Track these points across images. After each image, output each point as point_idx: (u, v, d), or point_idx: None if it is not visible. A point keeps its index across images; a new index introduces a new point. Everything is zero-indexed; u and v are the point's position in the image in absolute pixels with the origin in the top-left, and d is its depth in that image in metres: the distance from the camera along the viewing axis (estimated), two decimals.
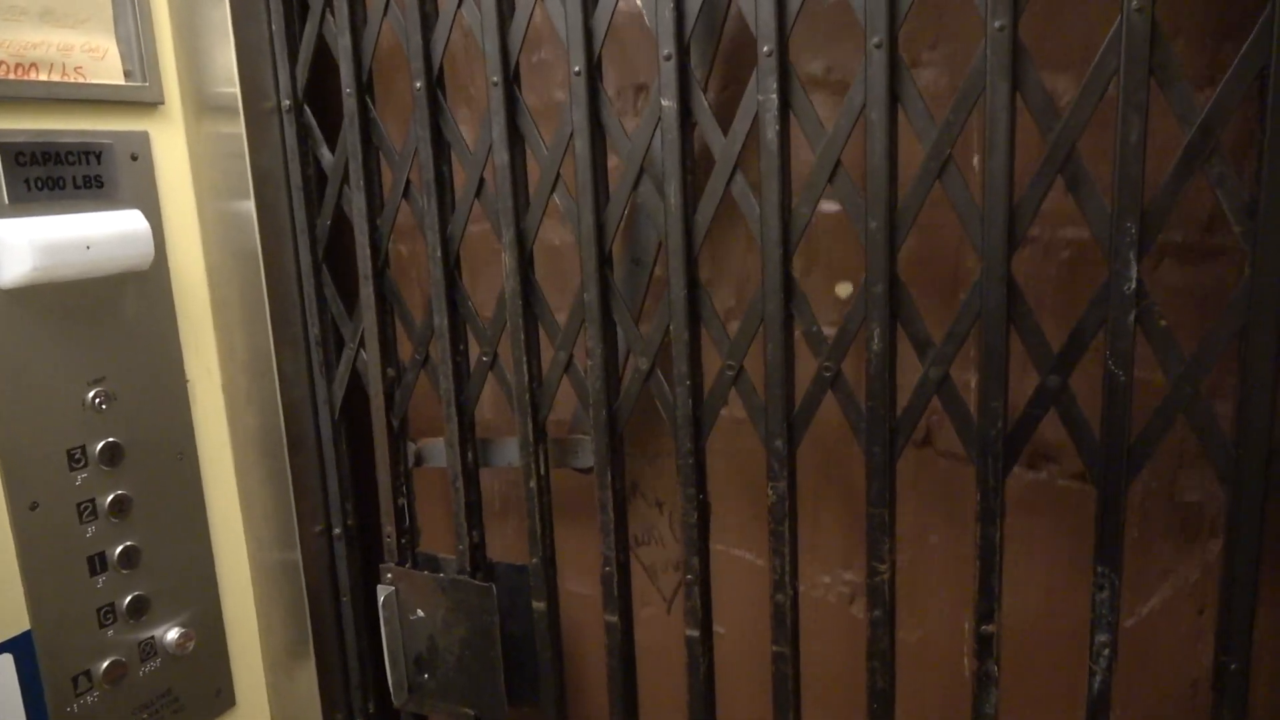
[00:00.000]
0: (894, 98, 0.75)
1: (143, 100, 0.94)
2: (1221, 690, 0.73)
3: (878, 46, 0.74)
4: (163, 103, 0.95)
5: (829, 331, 0.82)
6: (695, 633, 0.93)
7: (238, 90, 1.01)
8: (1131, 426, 0.73)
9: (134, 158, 0.93)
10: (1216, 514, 0.86)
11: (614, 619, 0.98)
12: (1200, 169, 0.68)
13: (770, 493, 0.86)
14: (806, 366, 0.84)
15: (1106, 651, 0.77)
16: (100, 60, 0.91)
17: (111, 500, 0.92)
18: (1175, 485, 0.87)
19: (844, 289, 0.97)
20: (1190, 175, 0.68)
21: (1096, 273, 0.72)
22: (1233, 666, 0.72)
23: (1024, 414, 0.76)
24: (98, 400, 0.90)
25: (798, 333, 0.84)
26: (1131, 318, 0.70)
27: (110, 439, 0.91)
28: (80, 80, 0.89)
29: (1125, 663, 0.83)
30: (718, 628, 1.08)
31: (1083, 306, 0.73)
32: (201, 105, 0.99)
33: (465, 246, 0.99)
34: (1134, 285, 0.70)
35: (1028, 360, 0.76)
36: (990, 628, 0.80)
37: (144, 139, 0.94)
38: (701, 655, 0.93)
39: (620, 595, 0.97)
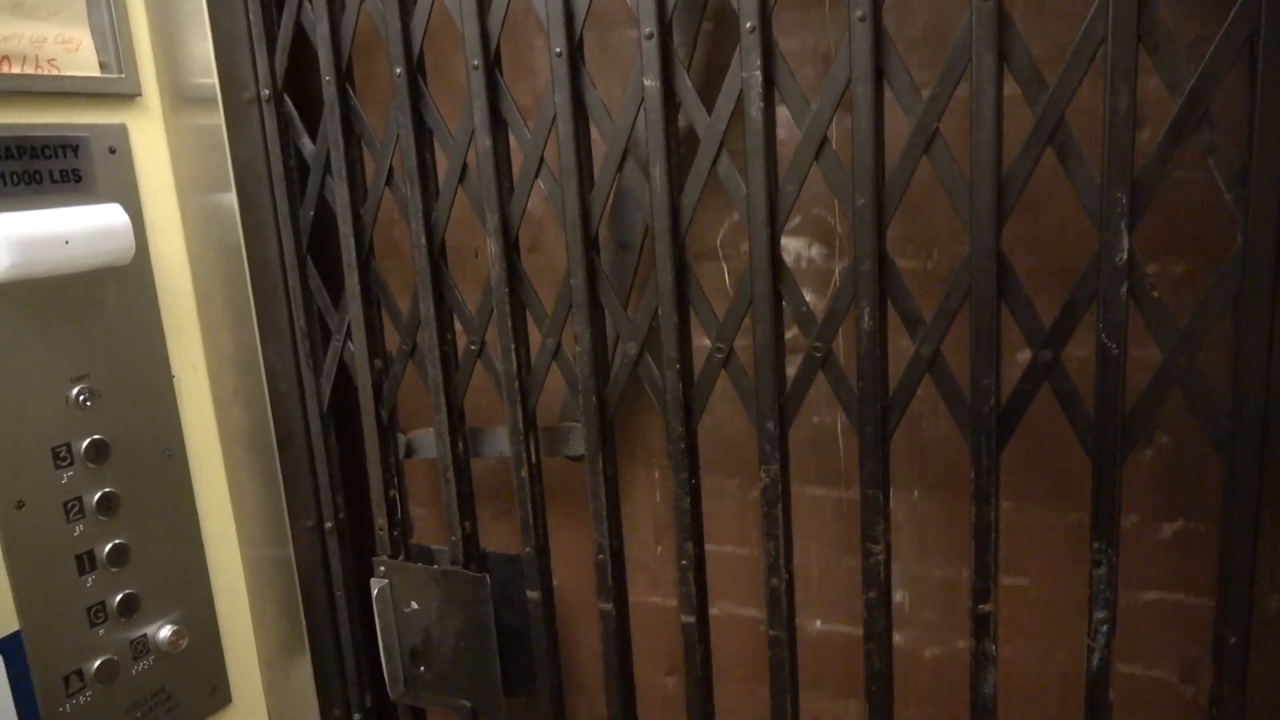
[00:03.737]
0: (879, 72, 0.74)
1: (119, 92, 0.92)
2: (1221, 663, 0.72)
3: (861, 20, 0.73)
4: (140, 95, 0.94)
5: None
6: (691, 619, 0.92)
7: (216, 81, 1.00)
8: (1126, 400, 0.72)
9: (112, 151, 0.92)
10: None
11: (609, 607, 0.97)
12: (1190, 137, 0.67)
13: (763, 475, 0.85)
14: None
15: (1105, 628, 0.76)
16: (74, 52, 0.89)
17: (99, 498, 0.91)
18: None
19: None
20: (1180, 143, 0.67)
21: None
22: (1232, 640, 0.72)
23: (1016, 390, 0.76)
24: (81, 397, 0.89)
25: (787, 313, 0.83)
26: (1124, 289, 0.70)
27: (96, 436, 0.90)
28: (54, 73, 0.88)
29: None
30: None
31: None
32: (179, 97, 0.98)
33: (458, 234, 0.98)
34: (1125, 256, 0.69)
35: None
36: (987, 607, 0.79)
37: (121, 132, 0.92)
38: (698, 641, 0.93)
39: (615, 583, 0.96)
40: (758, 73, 0.77)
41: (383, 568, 1.09)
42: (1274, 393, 0.68)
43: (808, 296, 0.89)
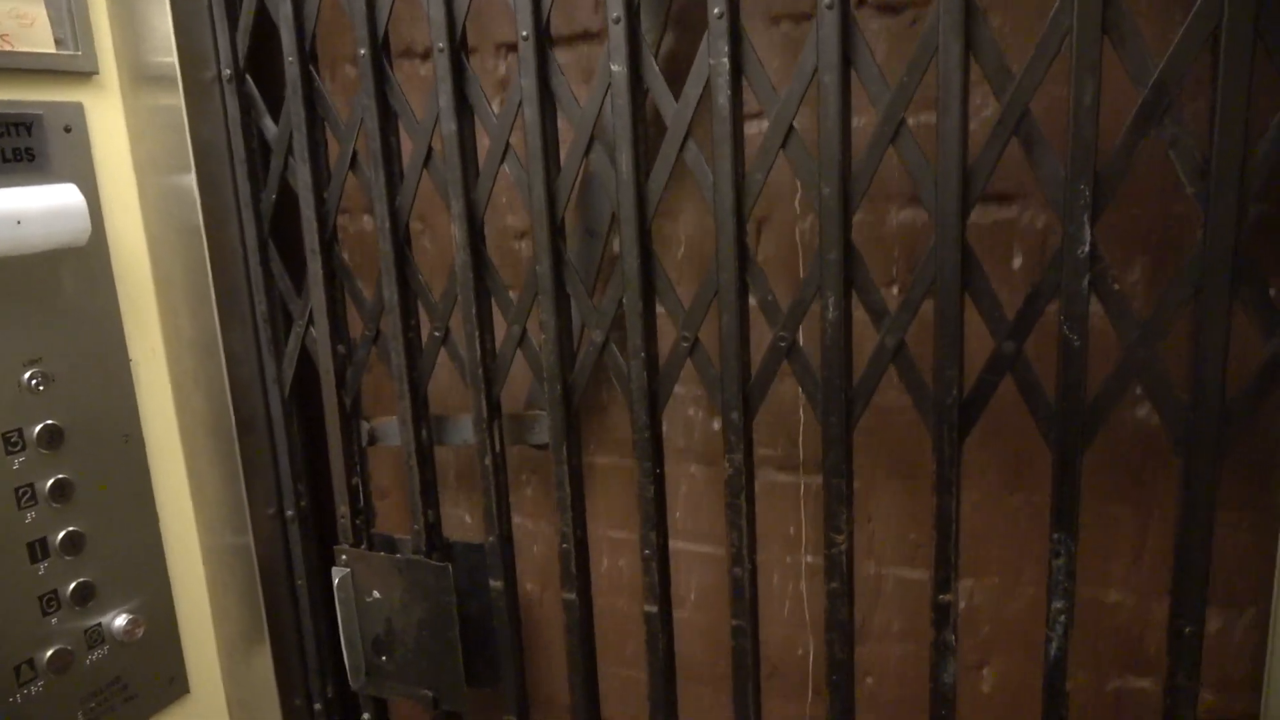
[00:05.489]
0: (846, 60, 0.74)
1: (75, 70, 0.90)
2: (1177, 653, 0.73)
3: (829, 7, 0.73)
4: (97, 72, 0.92)
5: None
6: (654, 608, 0.92)
7: (176, 60, 0.98)
8: (1087, 391, 0.72)
9: (67, 129, 0.89)
10: None
11: (572, 596, 0.96)
12: (1154, 130, 0.67)
13: (727, 464, 0.85)
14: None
15: (1063, 618, 0.76)
16: (29, 27, 0.87)
17: (52, 484, 0.89)
18: None
19: None
20: (1144, 135, 0.67)
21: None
22: (1187, 630, 0.72)
23: (979, 380, 0.76)
24: (34, 381, 0.87)
25: (753, 303, 0.82)
26: (1086, 281, 0.70)
27: (49, 421, 0.88)
28: (7, 48, 0.85)
29: None
30: None
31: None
32: (138, 75, 0.96)
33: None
34: (1088, 249, 0.69)
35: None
36: (947, 597, 0.80)
37: (78, 110, 0.90)
38: (660, 630, 0.92)
39: (579, 572, 0.96)
40: (725, 60, 0.77)
41: (345, 556, 1.08)
42: (1231, 387, 0.68)
43: None
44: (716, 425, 1.06)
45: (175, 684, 1.02)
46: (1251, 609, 0.86)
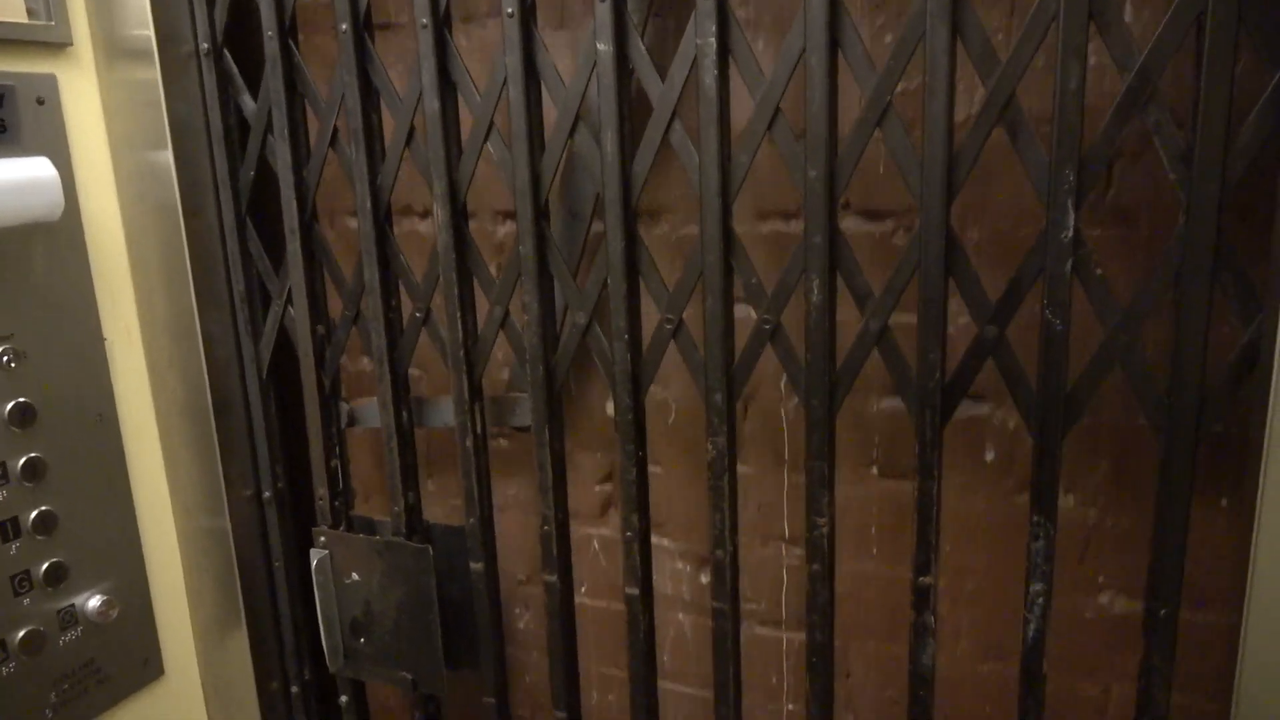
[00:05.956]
0: (834, 42, 0.74)
1: (48, 40, 0.88)
2: (1151, 635, 0.74)
3: None
4: (71, 44, 0.90)
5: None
6: (635, 591, 0.92)
7: (152, 33, 0.96)
8: (1067, 376, 0.73)
9: (40, 102, 0.88)
10: None
11: (553, 579, 0.96)
12: (1138, 115, 0.67)
13: (709, 448, 0.85)
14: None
15: (1041, 600, 0.77)
16: None
17: (24, 463, 0.87)
18: None
19: None
20: (1128, 121, 0.67)
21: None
22: (1162, 612, 0.73)
23: (961, 364, 0.76)
24: (5, 359, 0.85)
25: (737, 285, 0.82)
26: (1068, 266, 0.70)
27: (20, 399, 0.87)
28: None
29: None
30: None
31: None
32: (114, 49, 0.94)
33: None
34: (1071, 234, 0.70)
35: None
36: (927, 579, 0.80)
37: (50, 82, 0.88)
38: (641, 613, 0.93)
39: (560, 555, 0.96)
40: (712, 40, 0.76)
41: (323, 538, 1.07)
42: (1210, 373, 0.69)
43: None
44: (705, 579, 1.09)
45: (149, 666, 1.01)
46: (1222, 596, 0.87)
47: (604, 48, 0.80)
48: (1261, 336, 0.67)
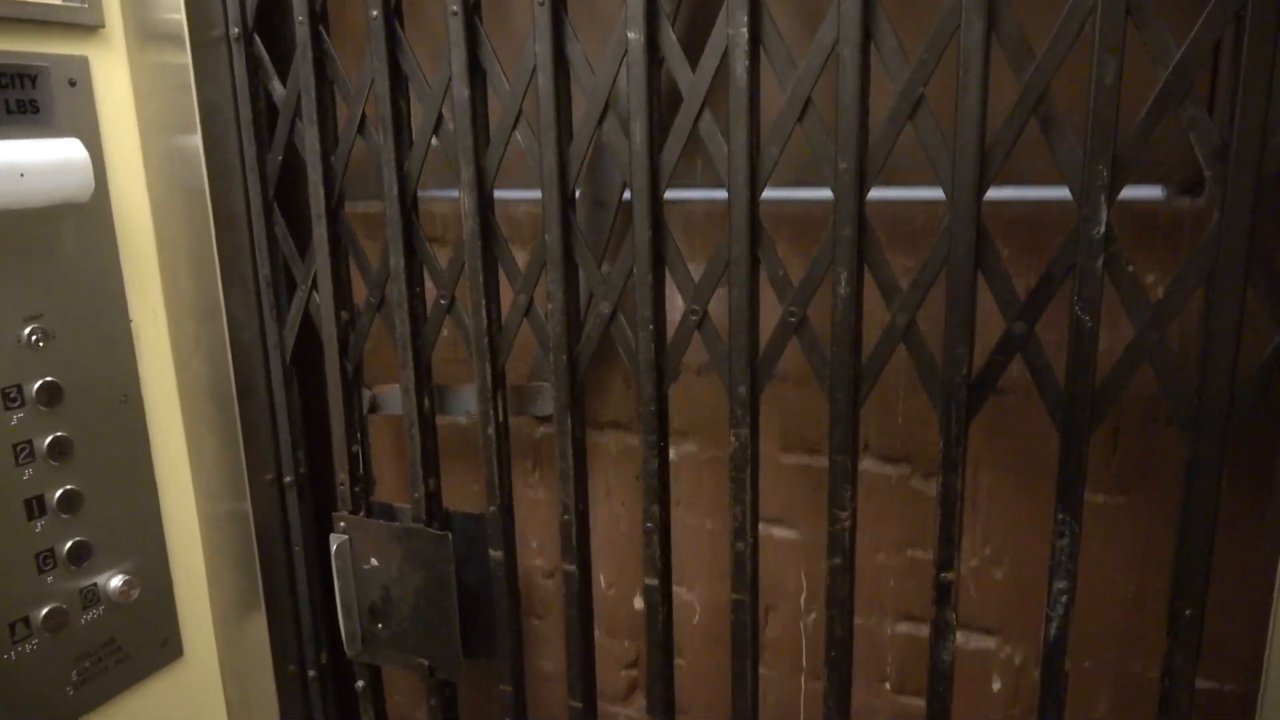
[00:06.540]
0: (867, 34, 0.73)
1: (81, 23, 0.89)
2: (1175, 635, 0.74)
3: None
4: (103, 26, 0.90)
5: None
6: (654, 581, 0.92)
7: (183, 17, 0.97)
8: (1096, 373, 0.72)
9: (72, 83, 0.88)
10: None
11: (572, 568, 0.96)
12: (1173, 111, 0.67)
13: (732, 439, 0.85)
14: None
15: (1064, 598, 0.77)
16: None
17: (50, 442, 0.88)
18: None
19: None
20: (1163, 118, 0.67)
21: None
22: (1188, 612, 0.73)
23: (989, 360, 0.76)
24: (34, 338, 0.86)
25: (763, 277, 0.82)
26: (1100, 263, 0.70)
27: (48, 378, 0.88)
28: None
29: None
30: None
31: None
32: (145, 32, 0.94)
33: None
34: (1103, 230, 0.69)
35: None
36: (949, 575, 0.80)
37: (83, 64, 0.89)
38: (660, 604, 0.93)
39: (579, 545, 0.96)
40: (744, 30, 0.76)
41: (343, 524, 1.08)
42: (1240, 372, 0.69)
43: None
44: None
45: (169, 647, 1.02)
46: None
47: (634, 36, 0.80)
48: None
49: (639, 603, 1.08)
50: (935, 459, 0.81)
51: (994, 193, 0.73)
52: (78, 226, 0.89)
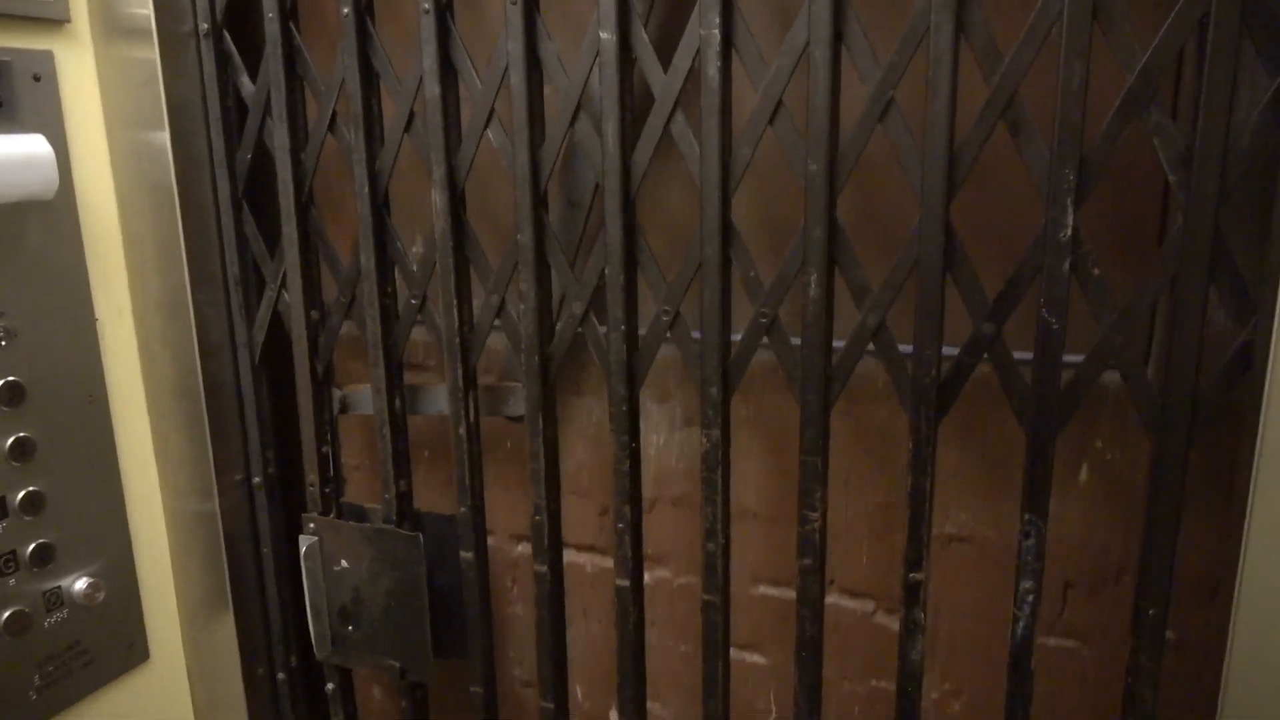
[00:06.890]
0: (838, 36, 0.74)
1: (45, 16, 0.87)
2: (1140, 635, 0.74)
3: None
4: (69, 20, 0.89)
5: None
6: (625, 582, 0.92)
7: (151, 11, 0.95)
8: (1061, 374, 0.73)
9: (36, 78, 0.87)
10: None
11: (544, 569, 0.96)
12: (1139, 116, 0.67)
13: (703, 439, 0.85)
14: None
15: (1031, 599, 0.77)
16: None
17: (12, 443, 0.87)
18: None
19: None
20: (1129, 122, 0.68)
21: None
22: (1151, 612, 0.74)
23: (957, 361, 0.76)
24: None
25: (735, 278, 0.82)
26: (1066, 265, 0.70)
27: (10, 378, 0.86)
28: None
29: None
30: None
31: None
32: (112, 26, 0.93)
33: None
34: (1070, 232, 0.70)
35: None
36: (918, 575, 0.80)
37: (47, 59, 0.88)
38: (631, 604, 0.92)
39: (550, 545, 0.95)
40: (716, 31, 0.76)
41: (312, 525, 1.07)
42: (1203, 374, 0.69)
43: None
44: None
45: (135, 650, 1.00)
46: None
47: (607, 36, 0.80)
48: (1256, 339, 0.67)
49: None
50: (898, 596, 0.83)
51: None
52: (42, 223, 0.88)
